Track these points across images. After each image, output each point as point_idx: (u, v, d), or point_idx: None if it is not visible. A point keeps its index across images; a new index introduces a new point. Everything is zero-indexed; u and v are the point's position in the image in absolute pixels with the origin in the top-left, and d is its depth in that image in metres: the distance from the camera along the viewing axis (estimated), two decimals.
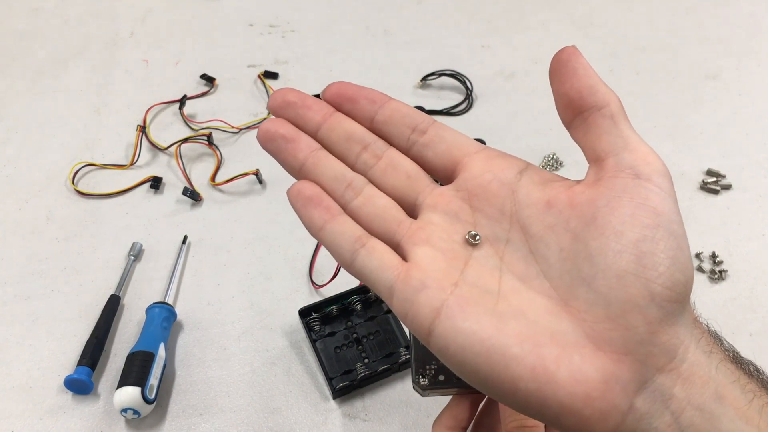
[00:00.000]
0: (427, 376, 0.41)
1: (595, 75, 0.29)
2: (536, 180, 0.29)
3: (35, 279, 0.60)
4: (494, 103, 0.74)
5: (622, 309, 0.25)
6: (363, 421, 0.50)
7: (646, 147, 0.28)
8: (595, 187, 0.27)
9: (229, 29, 0.86)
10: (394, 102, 0.32)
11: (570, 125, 0.30)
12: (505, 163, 0.30)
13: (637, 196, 0.26)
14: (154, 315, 0.54)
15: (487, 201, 0.30)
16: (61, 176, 0.68)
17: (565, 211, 0.28)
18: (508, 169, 0.30)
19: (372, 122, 0.32)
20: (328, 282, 0.57)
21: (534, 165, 0.30)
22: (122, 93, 0.78)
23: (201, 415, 0.51)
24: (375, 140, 0.32)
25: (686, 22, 0.83)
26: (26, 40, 0.86)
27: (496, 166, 0.30)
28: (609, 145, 0.28)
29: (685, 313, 0.26)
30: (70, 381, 0.51)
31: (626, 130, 0.28)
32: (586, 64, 0.30)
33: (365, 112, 0.32)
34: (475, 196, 0.30)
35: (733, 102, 0.73)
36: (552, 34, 0.83)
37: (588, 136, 0.28)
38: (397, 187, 0.31)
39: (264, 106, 0.76)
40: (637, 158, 0.27)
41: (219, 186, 0.67)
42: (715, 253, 0.59)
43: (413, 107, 0.32)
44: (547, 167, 0.67)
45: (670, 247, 0.25)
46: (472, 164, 0.30)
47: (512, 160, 0.30)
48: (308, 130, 0.32)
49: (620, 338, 0.25)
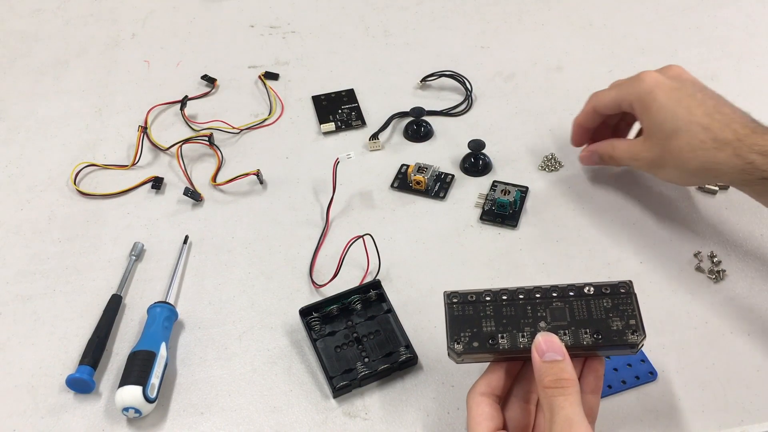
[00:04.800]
0: (461, 342, 0.42)
1: None
2: None
3: (37, 279, 0.60)
4: (494, 103, 0.75)
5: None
6: (363, 420, 0.50)
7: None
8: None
9: (230, 30, 0.87)
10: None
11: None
12: None
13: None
14: (155, 314, 0.54)
15: None
16: (63, 176, 0.69)
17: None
18: None
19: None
20: (328, 282, 0.58)
21: None
22: (124, 94, 0.78)
23: (202, 414, 0.51)
24: None
25: (685, 23, 0.83)
26: (28, 41, 0.86)
27: None
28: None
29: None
30: (71, 380, 0.51)
31: None
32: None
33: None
34: None
35: (733, 103, 0.73)
36: (551, 35, 0.83)
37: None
38: None
39: (264, 107, 0.76)
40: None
41: (220, 186, 0.67)
42: (713, 252, 0.59)
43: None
44: (546, 168, 0.67)
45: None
46: None
47: None
48: None
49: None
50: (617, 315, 0.43)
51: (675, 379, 0.51)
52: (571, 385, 0.39)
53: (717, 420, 0.49)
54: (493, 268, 0.59)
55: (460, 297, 0.44)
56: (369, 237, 0.58)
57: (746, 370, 0.51)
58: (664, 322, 0.54)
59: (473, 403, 0.43)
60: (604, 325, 0.42)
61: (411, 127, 0.71)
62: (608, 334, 0.42)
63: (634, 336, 0.42)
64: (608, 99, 0.59)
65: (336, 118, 0.73)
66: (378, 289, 0.56)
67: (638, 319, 0.43)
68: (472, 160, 0.67)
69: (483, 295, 0.44)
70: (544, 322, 0.43)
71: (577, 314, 0.43)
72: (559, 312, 0.43)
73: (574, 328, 0.42)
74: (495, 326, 0.43)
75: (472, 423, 0.42)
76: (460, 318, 0.44)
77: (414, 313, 0.56)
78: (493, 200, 0.63)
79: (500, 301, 0.44)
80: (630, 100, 0.57)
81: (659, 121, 0.54)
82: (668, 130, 0.54)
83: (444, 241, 0.61)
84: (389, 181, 0.67)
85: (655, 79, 0.55)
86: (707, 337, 0.53)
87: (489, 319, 0.44)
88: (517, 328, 0.43)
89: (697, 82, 0.56)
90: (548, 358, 0.40)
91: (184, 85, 0.79)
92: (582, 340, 0.42)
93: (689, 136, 0.52)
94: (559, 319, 0.43)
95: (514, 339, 0.43)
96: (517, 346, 0.43)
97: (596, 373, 0.44)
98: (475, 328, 0.43)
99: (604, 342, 0.42)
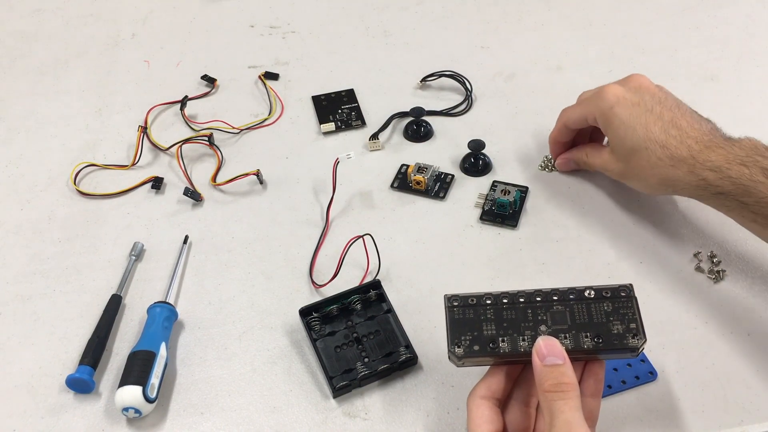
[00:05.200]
0: (462, 346, 0.42)
1: None
2: None
3: (37, 279, 0.60)
4: (494, 103, 0.75)
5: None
6: (363, 420, 0.50)
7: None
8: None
9: (230, 30, 0.87)
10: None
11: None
12: None
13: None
14: (155, 314, 0.54)
15: None
16: (63, 176, 0.69)
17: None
18: None
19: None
20: (328, 282, 0.58)
21: None
22: (124, 94, 0.78)
23: (202, 414, 0.51)
24: None
25: (685, 23, 0.83)
26: (28, 41, 0.86)
27: None
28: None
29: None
30: (71, 380, 0.51)
31: None
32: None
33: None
34: None
35: (732, 103, 0.73)
36: (551, 35, 0.83)
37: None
38: None
39: (264, 107, 0.76)
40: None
41: (220, 186, 0.67)
42: (713, 252, 0.59)
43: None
44: (546, 168, 0.67)
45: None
46: None
47: None
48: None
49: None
50: (618, 318, 0.43)
51: (675, 379, 0.51)
52: (572, 389, 0.39)
53: (717, 420, 0.49)
54: (493, 268, 0.59)
55: (461, 300, 0.44)
56: (369, 237, 0.58)
57: (746, 370, 0.51)
58: (663, 322, 0.54)
59: (473, 406, 0.43)
60: (604, 329, 0.42)
61: (411, 127, 0.71)
62: (609, 338, 0.42)
63: (635, 340, 0.42)
64: (576, 115, 0.61)
65: (336, 118, 0.73)
66: (378, 289, 0.56)
67: (639, 323, 0.43)
68: (472, 160, 0.67)
69: (483, 299, 0.44)
70: (545, 326, 0.43)
71: (578, 318, 0.43)
72: (560, 315, 0.43)
73: (575, 332, 0.42)
74: (496, 330, 0.43)
75: (473, 426, 0.42)
76: (461, 321, 0.44)
77: (414, 313, 0.56)
78: (493, 200, 0.63)
79: (501, 305, 0.44)
80: (594, 115, 0.58)
81: (620, 137, 0.56)
82: (628, 147, 0.55)
83: (444, 241, 0.61)
84: (389, 181, 0.67)
85: (615, 94, 0.56)
86: (707, 337, 0.53)
87: (489, 322, 0.44)
88: (517, 332, 0.43)
89: (657, 93, 0.57)
90: (549, 362, 0.40)
91: (184, 85, 0.79)
92: (582, 344, 0.42)
93: (647, 154, 0.54)
94: (559, 323, 0.43)
95: (514, 342, 0.43)
96: (517, 349, 0.43)
97: (596, 377, 0.44)
98: (475, 331, 0.43)
99: (604, 346, 0.42)
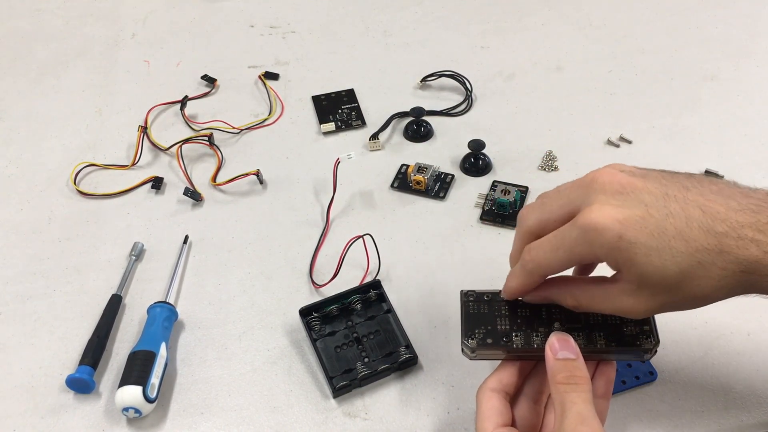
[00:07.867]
0: (475, 338, 0.43)
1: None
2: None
3: (37, 279, 0.60)
4: (494, 103, 0.75)
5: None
6: (363, 420, 0.50)
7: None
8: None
9: (230, 30, 0.87)
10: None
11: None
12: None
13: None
14: (155, 314, 0.54)
15: None
16: (63, 176, 0.69)
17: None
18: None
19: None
20: (328, 282, 0.58)
21: None
22: (124, 93, 0.78)
23: (202, 414, 0.51)
24: None
25: (685, 23, 0.83)
26: (28, 41, 0.86)
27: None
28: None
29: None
30: (71, 380, 0.51)
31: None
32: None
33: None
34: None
35: (732, 103, 0.73)
36: (551, 35, 0.83)
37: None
38: None
39: (264, 107, 0.76)
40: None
41: (220, 186, 0.67)
42: None
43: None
44: (546, 168, 0.67)
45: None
46: None
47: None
48: None
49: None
50: (631, 320, 0.43)
51: (675, 379, 0.51)
52: (584, 382, 0.39)
53: (717, 420, 0.49)
54: (494, 268, 0.59)
55: (476, 296, 0.45)
56: (369, 237, 0.58)
57: (746, 370, 0.51)
58: (663, 322, 0.54)
59: (483, 397, 0.42)
60: (617, 330, 0.43)
61: (411, 127, 0.71)
62: (621, 339, 0.42)
63: (648, 341, 0.42)
64: (556, 263, 0.41)
65: (336, 118, 0.73)
66: (378, 289, 0.56)
67: (652, 325, 0.43)
68: (472, 160, 0.67)
69: (498, 296, 0.45)
70: (559, 324, 0.43)
71: (591, 318, 0.43)
72: (574, 315, 0.43)
73: (588, 331, 0.43)
74: (509, 325, 0.44)
75: (481, 417, 0.42)
76: (475, 315, 0.44)
77: (414, 313, 0.56)
78: (493, 200, 0.63)
79: (515, 302, 0.44)
80: (596, 255, 0.40)
81: (656, 267, 0.38)
82: (672, 275, 0.38)
83: (444, 241, 0.61)
84: (389, 181, 0.67)
85: (610, 216, 0.38)
86: (707, 337, 0.53)
87: (503, 318, 0.44)
88: (531, 328, 0.43)
89: (643, 185, 0.39)
90: (562, 356, 0.40)
91: (184, 85, 0.79)
92: (596, 342, 0.42)
93: (704, 270, 0.38)
94: (573, 322, 0.43)
95: (528, 338, 0.43)
96: (531, 344, 0.43)
97: (607, 378, 0.43)
98: (489, 325, 0.44)
99: (617, 346, 0.42)
